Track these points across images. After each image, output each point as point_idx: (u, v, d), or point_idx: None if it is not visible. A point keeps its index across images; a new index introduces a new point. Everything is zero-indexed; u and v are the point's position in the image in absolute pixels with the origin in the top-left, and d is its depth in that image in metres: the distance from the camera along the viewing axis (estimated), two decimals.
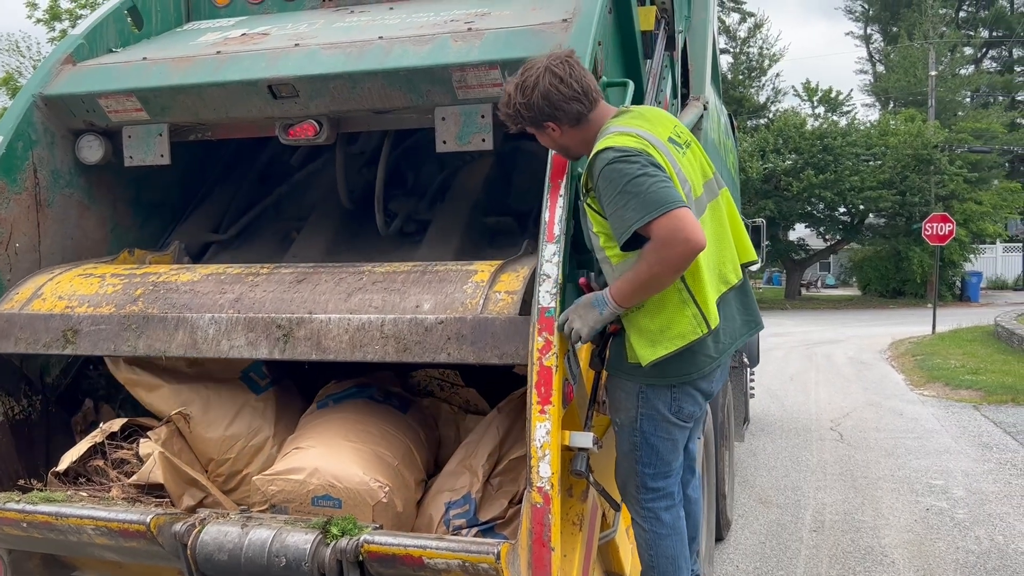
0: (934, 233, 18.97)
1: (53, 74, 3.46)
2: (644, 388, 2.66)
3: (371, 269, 2.90)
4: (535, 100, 2.56)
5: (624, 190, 2.40)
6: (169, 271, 3.13)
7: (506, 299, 2.60)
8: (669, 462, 2.76)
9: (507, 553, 2.19)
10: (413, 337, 2.58)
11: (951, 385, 11.64)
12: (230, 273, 3.03)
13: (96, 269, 3.23)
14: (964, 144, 30.05)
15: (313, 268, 3.01)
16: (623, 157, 2.43)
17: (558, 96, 2.55)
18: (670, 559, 2.79)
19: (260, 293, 2.85)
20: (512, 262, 2.87)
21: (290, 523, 2.42)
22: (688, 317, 2.53)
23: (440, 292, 2.68)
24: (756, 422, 9.03)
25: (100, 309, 2.93)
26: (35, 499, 2.62)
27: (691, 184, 2.63)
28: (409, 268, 2.88)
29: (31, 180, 3.33)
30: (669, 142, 2.62)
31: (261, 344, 2.71)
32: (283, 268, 3.03)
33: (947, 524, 5.83)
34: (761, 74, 39.10)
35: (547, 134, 2.65)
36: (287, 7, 4.10)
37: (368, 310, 2.67)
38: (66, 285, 3.10)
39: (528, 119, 2.62)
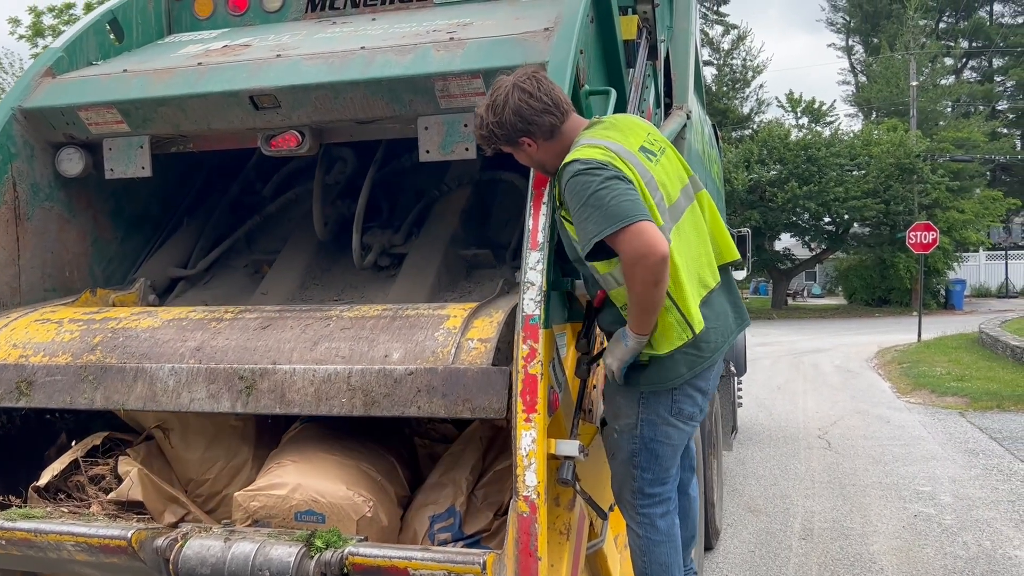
0: (918, 242, 19.11)
1: (33, 87, 3.44)
2: (645, 393, 2.67)
3: (339, 314, 2.80)
4: (507, 117, 2.57)
5: (586, 203, 2.42)
6: (130, 315, 3.01)
7: (479, 348, 2.50)
8: (667, 468, 2.77)
9: (493, 563, 2.17)
10: (381, 389, 2.48)
11: (937, 392, 11.69)
12: (192, 318, 2.91)
13: (54, 313, 3.09)
14: (946, 153, 30.36)
15: (279, 312, 2.90)
16: (586, 170, 2.45)
17: (529, 111, 2.56)
18: (663, 566, 2.78)
19: (223, 341, 2.74)
20: (487, 304, 2.79)
21: (273, 536, 2.39)
22: (672, 324, 2.55)
23: (410, 340, 2.58)
24: (744, 431, 9.03)
25: (56, 358, 2.81)
26: (14, 516, 2.58)
27: (665, 192, 2.64)
28: (379, 312, 2.78)
29: (10, 194, 3.30)
30: (641, 151, 2.63)
31: (223, 397, 2.61)
32: (248, 313, 2.93)
33: (935, 530, 5.84)
34: (745, 85, 39.41)
35: (523, 150, 2.65)
36: (269, 19, 4.09)
37: (334, 360, 2.57)
38: (21, 332, 2.97)
39: (502, 137, 2.62)
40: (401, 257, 3.69)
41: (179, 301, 3.72)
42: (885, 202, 28.60)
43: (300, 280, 3.71)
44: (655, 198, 2.56)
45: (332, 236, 3.86)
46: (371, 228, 3.80)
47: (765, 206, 28.86)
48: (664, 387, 2.67)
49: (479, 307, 2.76)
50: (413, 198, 3.99)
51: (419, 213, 3.88)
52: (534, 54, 2.90)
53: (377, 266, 3.74)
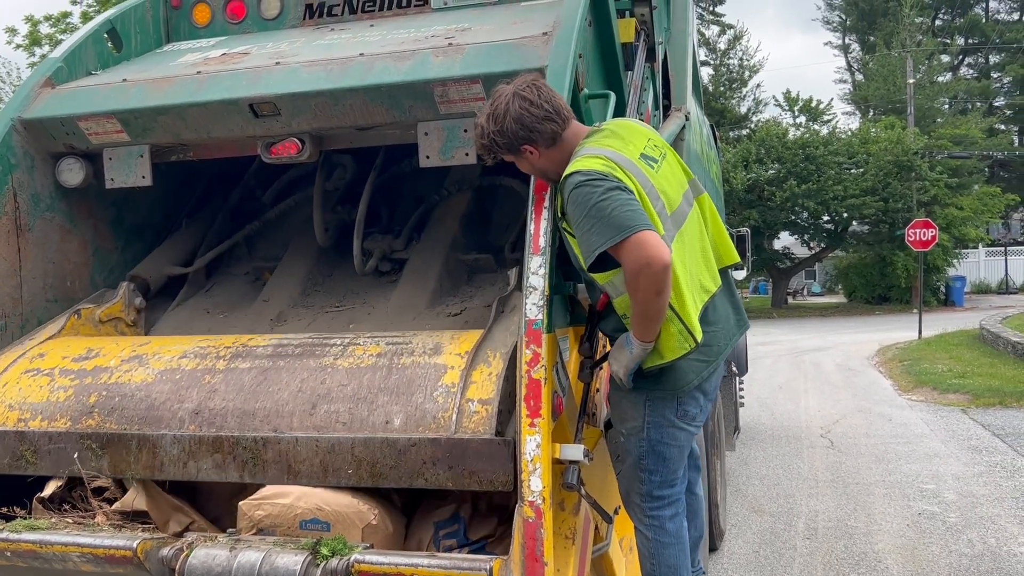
0: (917, 239, 19.11)
1: (32, 98, 3.44)
2: (651, 397, 2.69)
3: (333, 363, 2.71)
4: (508, 126, 2.57)
5: (588, 214, 2.42)
6: (119, 363, 2.90)
7: (480, 412, 2.46)
8: (675, 470, 2.78)
9: (499, 569, 2.17)
10: (387, 461, 2.46)
11: (939, 389, 11.68)
12: (186, 370, 2.81)
13: (43, 359, 3.00)
14: (944, 150, 30.36)
15: (272, 359, 2.79)
16: (587, 181, 2.45)
17: (531, 118, 2.57)
18: (672, 568, 2.78)
19: (219, 401, 2.68)
20: (485, 342, 2.69)
21: (279, 544, 2.39)
22: (675, 334, 2.55)
23: (409, 402, 2.52)
24: (747, 431, 9.03)
25: (55, 423, 2.77)
26: (18, 527, 2.58)
27: (666, 199, 2.64)
28: (374, 360, 2.69)
29: (11, 204, 3.30)
30: (641, 159, 2.64)
31: (230, 467, 2.59)
32: (240, 360, 2.82)
33: (939, 528, 5.84)
34: (742, 85, 39.39)
35: (526, 159, 2.65)
36: (267, 26, 4.09)
37: (336, 426, 2.53)
38: (14, 389, 2.90)
39: (504, 146, 2.62)
40: (402, 262, 3.70)
41: (182, 310, 3.72)
42: (884, 200, 28.60)
43: (302, 287, 3.71)
44: (656, 207, 2.56)
45: (333, 242, 3.86)
46: (372, 234, 3.80)
47: (764, 205, 28.87)
48: (673, 394, 2.68)
49: (477, 348, 2.65)
50: (413, 203, 3.99)
51: (419, 218, 3.88)
52: (533, 59, 2.90)
53: (378, 271, 3.74)
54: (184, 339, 3.10)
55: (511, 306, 2.92)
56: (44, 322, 3.34)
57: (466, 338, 2.75)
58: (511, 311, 2.90)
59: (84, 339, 3.22)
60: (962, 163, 30.84)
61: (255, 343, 2.93)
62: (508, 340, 2.66)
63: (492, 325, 2.82)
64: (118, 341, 3.14)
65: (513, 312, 2.88)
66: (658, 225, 2.51)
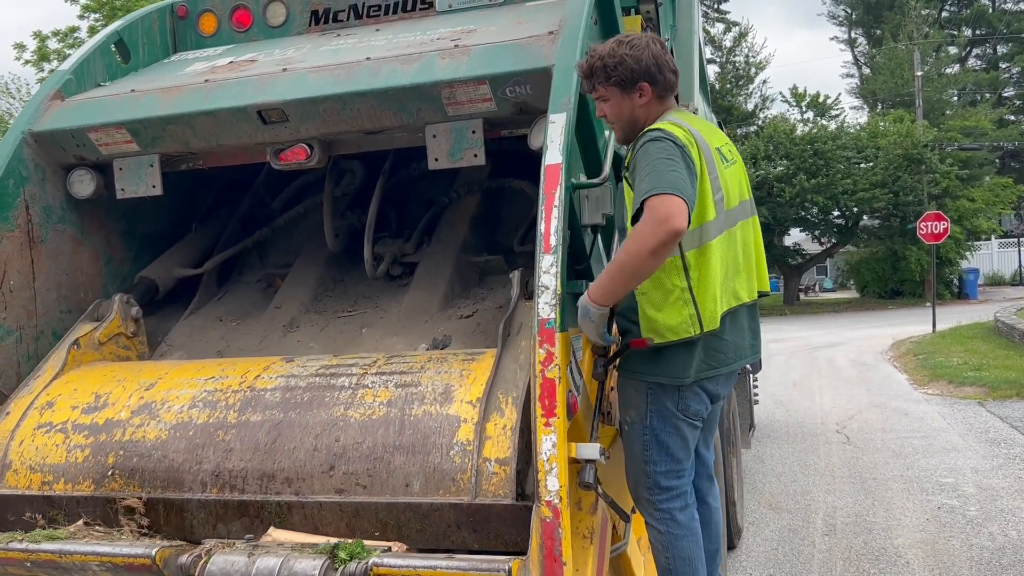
0: (929, 232, 18.99)
1: (42, 110, 3.46)
2: (652, 386, 2.71)
3: (344, 414, 2.65)
4: (645, 57, 2.69)
5: (649, 165, 2.53)
6: (130, 415, 2.85)
7: (499, 473, 2.42)
8: (680, 460, 2.78)
9: (518, 569, 2.16)
10: (413, 524, 2.46)
11: (955, 383, 11.60)
12: (198, 424, 2.76)
13: (53, 412, 2.93)
14: (954, 142, 30.19)
15: (283, 410, 2.72)
16: (663, 138, 2.58)
17: (664, 63, 2.73)
18: (687, 560, 2.77)
19: (237, 462, 2.64)
20: (496, 384, 2.61)
21: (297, 550, 2.39)
22: (684, 316, 2.61)
23: (427, 462, 2.48)
24: (762, 428, 8.98)
25: (79, 487, 2.77)
26: (38, 537, 2.59)
27: (726, 194, 2.75)
28: (385, 411, 2.62)
29: (23, 217, 3.32)
30: (717, 151, 2.77)
31: (259, 528, 2.60)
32: (251, 412, 2.75)
33: (959, 522, 5.79)
34: (748, 82, 39.31)
35: (630, 98, 2.73)
36: (273, 33, 4.10)
37: (355, 489, 2.52)
38: (31, 447, 2.87)
39: (628, 72, 2.69)
40: (413, 266, 3.70)
41: (195, 318, 3.73)
42: (894, 193, 28.46)
43: (313, 292, 3.72)
44: (715, 196, 2.69)
45: (344, 247, 3.87)
46: (382, 238, 3.81)
47: (773, 202, 28.77)
48: (671, 382, 2.70)
49: (488, 394, 2.56)
50: (423, 207, 3.99)
51: (429, 221, 3.89)
52: (539, 58, 2.90)
53: (389, 275, 3.74)
54: (188, 372, 3.00)
55: (517, 325, 2.83)
56: (59, 335, 3.35)
57: (475, 376, 2.66)
58: (518, 332, 2.80)
59: (89, 376, 3.13)
60: (972, 155, 30.66)
61: (262, 384, 2.84)
62: (519, 377, 2.59)
63: (501, 356, 2.70)
64: (123, 380, 3.03)
65: (520, 334, 2.78)
66: (710, 210, 2.64)
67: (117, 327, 3.40)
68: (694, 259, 2.65)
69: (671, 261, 2.61)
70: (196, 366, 3.06)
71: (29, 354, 3.26)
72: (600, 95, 2.76)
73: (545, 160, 2.63)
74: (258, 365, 2.97)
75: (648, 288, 2.64)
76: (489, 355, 2.75)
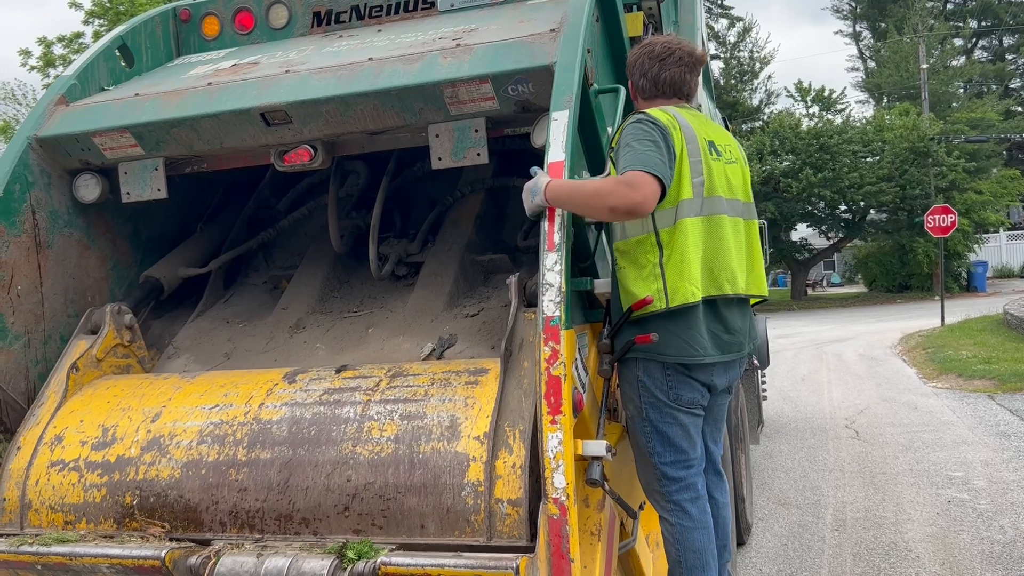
0: (936, 225, 18.92)
1: (47, 115, 3.47)
2: (640, 376, 2.76)
3: (353, 450, 2.62)
4: (631, 58, 3.05)
5: (628, 143, 2.67)
6: (139, 452, 2.82)
7: (512, 515, 2.39)
8: (684, 449, 2.79)
9: (526, 566, 2.16)
10: None
11: (964, 376, 11.56)
12: (208, 462, 2.73)
13: (63, 449, 2.90)
14: (961, 135, 30.06)
15: (291, 447, 2.69)
16: (646, 121, 2.74)
17: (643, 66, 3.02)
18: (697, 553, 2.77)
19: (252, 502, 2.63)
20: (502, 416, 2.56)
21: (305, 549, 2.40)
22: (652, 290, 2.70)
23: (440, 504, 2.46)
24: (771, 424, 8.97)
25: (101, 526, 2.77)
26: (48, 540, 2.61)
27: (710, 182, 2.82)
28: (393, 448, 2.58)
29: (30, 222, 3.33)
30: (708, 143, 2.85)
31: None
32: (260, 450, 2.71)
33: (970, 515, 5.77)
34: (753, 77, 39.24)
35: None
36: (276, 35, 4.11)
37: (372, 530, 2.51)
38: (47, 488, 2.84)
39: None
40: (418, 266, 3.70)
41: (202, 320, 3.74)
42: (901, 187, 28.36)
43: (319, 293, 3.73)
44: (695, 179, 2.78)
45: (349, 248, 3.87)
46: (387, 238, 3.81)
47: (780, 197, 28.70)
48: (652, 359, 2.75)
49: (495, 429, 2.52)
50: (427, 206, 4.00)
51: (434, 221, 3.89)
52: (541, 56, 2.90)
53: (395, 276, 3.75)
54: (191, 399, 2.95)
55: (518, 342, 2.74)
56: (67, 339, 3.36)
57: (480, 407, 2.60)
58: (520, 350, 2.72)
59: (92, 404, 3.08)
60: (979, 147, 30.52)
61: (267, 415, 2.79)
62: (524, 407, 2.54)
63: (504, 382, 2.63)
64: (127, 409, 3.00)
65: (523, 352, 2.70)
66: (686, 189, 2.75)
67: (112, 340, 3.33)
68: (667, 237, 2.74)
69: (647, 237, 2.74)
70: (198, 389, 3.01)
71: (37, 358, 3.27)
72: None
73: (548, 158, 2.63)
74: (260, 388, 2.92)
75: (625, 264, 2.77)
76: (493, 375, 2.69)
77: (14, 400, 3.16)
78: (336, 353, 3.31)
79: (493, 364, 2.74)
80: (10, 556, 2.56)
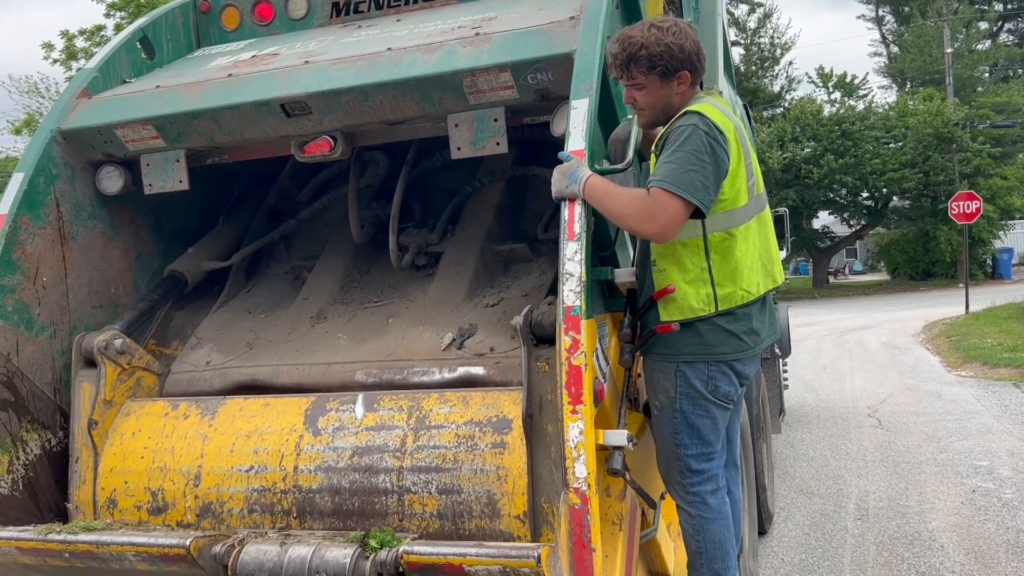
0: (961, 212, 18.69)
1: (70, 108, 3.50)
2: (681, 367, 2.71)
3: (401, 524, 2.66)
4: (689, 45, 2.67)
5: (675, 151, 2.54)
6: (197, 521, 2.87)
7: None
8: (711, 442, 2.77)
9: (548, 556, 2.16)
10: None
11: (989, 364, 11.43)
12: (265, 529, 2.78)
13: (123, 514, 2.93)
14: (986, 120, 29.66)
15: (339, 517, 2.73)
16: (705, 130, 2.56)
17: (702, 50, 2.73)
18: (717, 544, 2.76)
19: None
20: (538, 492, 2.51)
21: (328, 538, 2.41)
22: (702, 296, 2.64)
23: None
24: (792, 413, 8.92)
25: None
26: (76, 528, 2.64)
27: (756, 180, 2.77)
28: (439, 523, 2.61)
29: (54, 214, 3.37)
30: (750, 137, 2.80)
31: None
32: (311, 521, 2.78)
33: (995, 505, 5.71)
34: (774, 63, 38.82)
35: (669, 86, 2.70)
36: (295, 26, 4.12)
37: None
38: None
39: (672, 60, 2.66)
40: (438, 255, 3.70)
41: (224, 311, 3.76)
42: (924, 173, 28.05)
43: (340, 283, 3.74)
44: (749, 182, 2.70)
45: (369, 239, 3.88)
46: (407, 228, 3.82)
47: (801, 184, 28.48)
48: (702, 359, 2.70)
49: (531, 504, 2.50)
50: (447, 196, 3.99)
51: (453, 211, 3.89)
52: (561, 43, 2.88)
53: (415, 265, 3.75)
54: (223, 456, 2.94)
55: (537, 400, 2.63)
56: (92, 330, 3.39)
57: (513, 480, 2.57)
58: (541, 411, 2.62)
59: (128, 460, 3.07)
60: (1005, 132, 30.13)
61: (306, 482, 2.81)
62: (557, 478, 2.43)
63: (533, 452, 2.58)
64: (167, 470, 2.99)
65: (545, 413, 2.59)
66: (743, 195, 2.67)
67: (113, 374, 3.21)
68: (718, 241, 2.67)
69: (693, 241, 2.66)
70: (225, 442, 2.98)
71: (63, 349, 3.31)
72: (637, 83, 2.70)
73: (567, 146, 2.62)
74: (288, 442, 2.90)
75: (666, 266, 2.69)
76: (517, 434, 2.63)
77: (40, 390, 3.20)
78: (357, 343, 3.32)
79: (515, 410, 2.67)
80: (38, 544, 2.59)
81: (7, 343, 3.11)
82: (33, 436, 3.13)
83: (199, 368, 3.40)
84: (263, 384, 3.23)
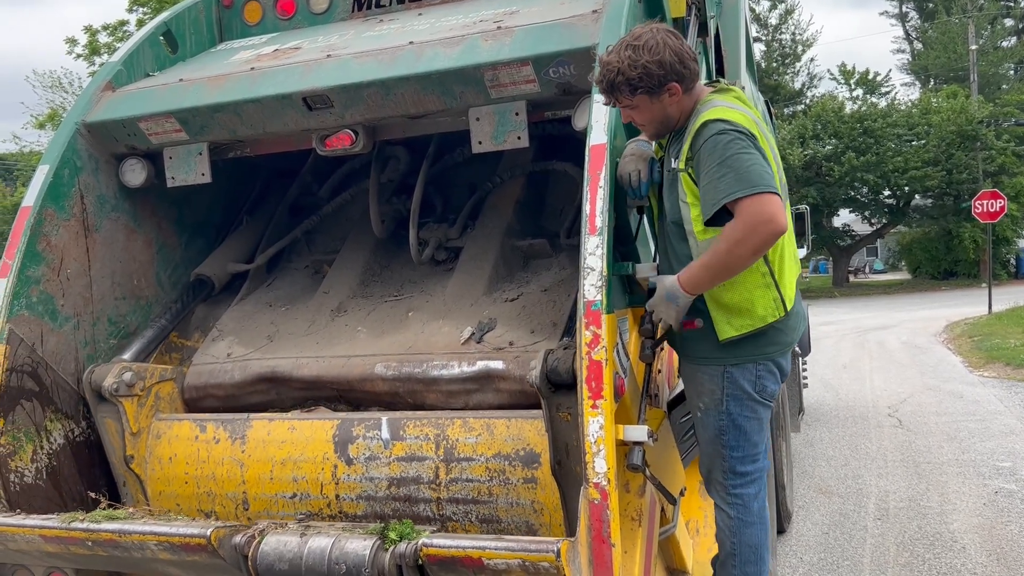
0: (984, 210, 18.47)
1: (94, 101, 3.53)
2: (729, 368, 2.68)
3: None
4: (667, 57, 2.53)
5: (724, 162, 2.44)
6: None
7: None
8: (756, 443, 2.75)
9: (567, 551, 2.16)
10: None
11: (1012, 365, 11.30)
12: None
13: None
14: (1011, 117, 29.33)
15: None
16: (732, 131, 2.49)
17: (686, 55, 2.58)
18: (753, 548, 2.74)
19: None
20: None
21: (348, 530, 2.42)
22: (769, 300, 2.61)
23: None
24: (811, 412, 8.86)
25: None
26: (99, 517, 2.66)
27: (783, 176, 2.74)
28: None
29: (78, 206, 3.40)
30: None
31: None
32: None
33: (1018, 506, 5.65)
34: (795, 60, 38.59)
35: (660, 100, 2.60)
36: (316, 20, 4.13)
37: None
38: None
39: (653, 79, 2.54)
40: (458, 250, 3.70)
41: (245, 304, 3.79)
42: (947, 171, 27.78)
43: (360, 278, 3.75)
44: (780, 176, 2.64)
45: (389, 233, 3.89)
46: (427, 223, 3.82)
47: (822, 182, 28.27)
48: (750, 360, 2.67)
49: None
50: (467, 191, 3.99)
51: (473, 206, 3.89)
52: (583, 37, 2.87)
53: (435, 260, 3.76)
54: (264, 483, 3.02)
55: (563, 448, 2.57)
56: (114, 321, 3.43)
57: (549, 514, 2.59)
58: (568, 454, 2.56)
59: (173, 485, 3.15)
60: None
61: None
62: None
63: (564, 493, 2.57)
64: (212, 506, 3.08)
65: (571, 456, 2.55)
66: (781, 193, 2.57)
67: (133, 408, 3.18)
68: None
69: None
70: (263, 471, 3.04)
71: (86, 340, 3.34)
72: (626, 105, 2.63)
73: (589, 141, 2.61)
74: (324, 471, 2.95)
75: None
76: (545, 468, 2.63)
77: (64, 380, 3.23)
78: (377, 336, 3.33)
79: (540, 442, 2.67)
80: (61, 532, 2.62)
81: (32, 334, 3.14)
82: (57, 426, 3.16)
83: (220, 360, 3.42)
84: (283, 376, 3.25)
